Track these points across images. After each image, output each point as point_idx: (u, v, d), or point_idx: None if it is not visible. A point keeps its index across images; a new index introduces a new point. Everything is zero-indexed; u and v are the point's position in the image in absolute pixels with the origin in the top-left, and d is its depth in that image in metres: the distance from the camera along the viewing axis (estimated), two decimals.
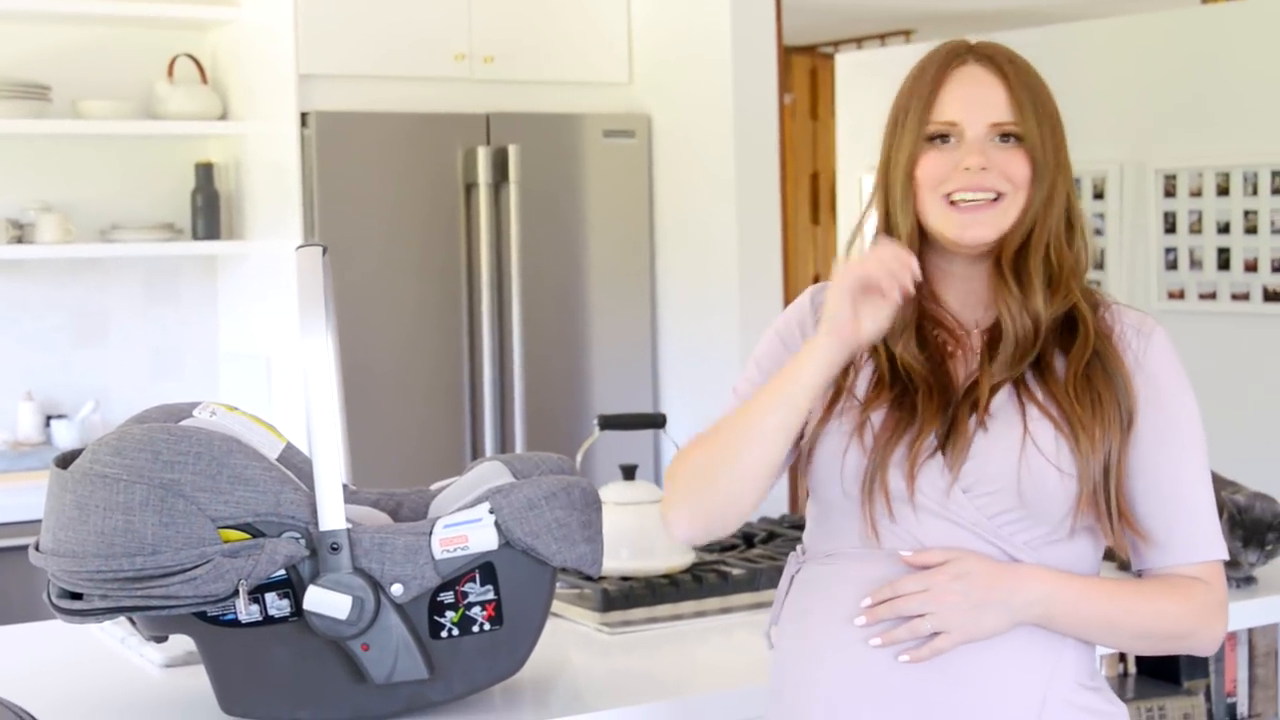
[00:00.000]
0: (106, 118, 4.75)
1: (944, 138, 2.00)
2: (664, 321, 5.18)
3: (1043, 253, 1.99)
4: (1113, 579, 2.02)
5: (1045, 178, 1.98)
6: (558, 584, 2.87)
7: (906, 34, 9.79)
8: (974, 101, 1.98)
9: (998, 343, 2.00)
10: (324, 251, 2.24)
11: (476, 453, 4.88)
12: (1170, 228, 5.94)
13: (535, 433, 4.90)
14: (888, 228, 2.04)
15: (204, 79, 4.94)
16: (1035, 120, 1.98)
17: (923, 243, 2.03)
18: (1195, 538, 2.00)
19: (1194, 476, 2.01)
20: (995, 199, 1.98)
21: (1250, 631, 3.10)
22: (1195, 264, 5.87)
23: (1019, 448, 1.93)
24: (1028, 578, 1.93)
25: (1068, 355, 1.99)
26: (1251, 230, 5.69)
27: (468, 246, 4.88)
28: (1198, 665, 3.06)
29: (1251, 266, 5.70)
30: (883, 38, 10.08)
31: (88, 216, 4.89)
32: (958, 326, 2.04)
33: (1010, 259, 1.98)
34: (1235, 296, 5.75)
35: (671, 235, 5.15)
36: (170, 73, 4.89)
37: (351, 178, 4.72)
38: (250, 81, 4.87)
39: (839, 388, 2.02)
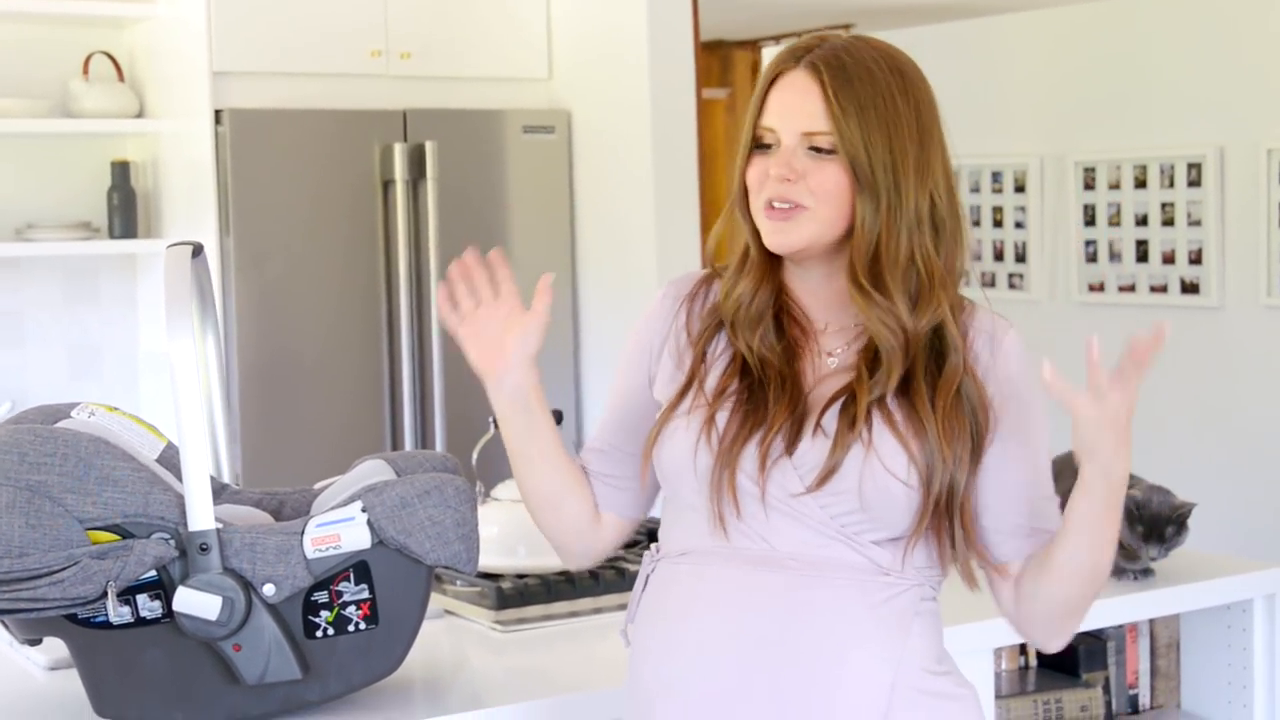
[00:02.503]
0: (21, 116, 4.72)
1: (768, 145, 1.99)
2: (585, 317, 5.19)
3: (901, 262, 1.95)
4: None
5: (877, 188, 1.94)
6: (457, 582, 2.89)
7: (846, 28, 9.81)
8: (788, 110, 1.96)
9: (869, 356, 1.98)
10: (197, 251, 2.23)
11: (396, 449, 4.87)
12: (1090, 220, 5.98)
13: (455, 429, 4.90)
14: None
15: (120, 76, 4.91)
16: (859, 130, 1.92)
17: None
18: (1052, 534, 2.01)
19: (1045, 475, 2.03)
20: (794, 209, 1.96)
21: (1151, 623, 3.13)
22: (1115, 256, 5.90)
23: (862, 458, 1.93)
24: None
25: (933, 374, 1.97)
26: (1169, 223, 5.72)
27: (386, 243, 4.87)
28: (1096, 658, 3.09)
29: (1169, 258, 5.73)
30: (823, 32, 10.09)
31: (2, 215, 4.85)
32: (811, 327, 2.05)
33: (864, 268, 1.96)
34: (1154, 288, 5.78)
35: (592, 231, 5.15)
36: (85, 70, 4.86)
37: (268, 175, 4.70)
38: (166, 79, 4.84)
39: (690, 380, 2.03)
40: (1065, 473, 2.01)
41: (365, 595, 2.20)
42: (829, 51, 1.97)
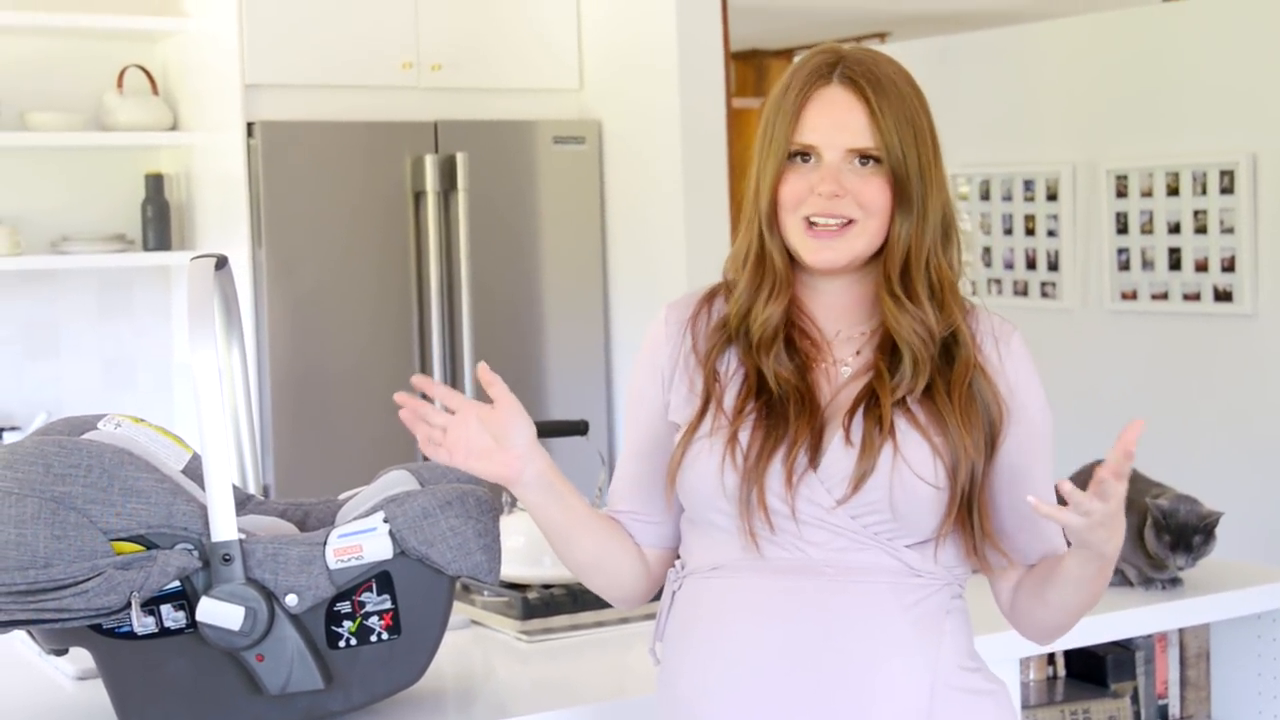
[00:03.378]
0: (56, 129, 4.76)
1: (805, 156, 1.99)
2: (616, 327, 5.19)
3: (925, 270, 1.99)
4: None
5: (911, 199, 1.97)
6: (485, 593, 2.89)
7: (881, 36, 9.81)
8: (832, 125, 1.97)
9: (885, 357, 2.00)
10: (220, 264, 2.25)
11: (427, 460, 4.87)
12: (1122, 228, 5.95)
13: None
14: (762, 247, 2.04)
15: (154, 90, 4.95)
16: (899, 141, 1.96)
17: (792, 257, 2.03)
18: (1057, 537, 2.07)
19: (1048, 476, 2.06)
20: (846, 224, 1.98)
21: (1181, 633, 3.11)
22: (1147, 264, 5.88)
23: (890, 464, 1.94)
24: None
25: (945, 371, 2.00)
26: (1201, 230, 5.70)
27: (417, 255, 4.88)
28: (1124, 668, 3.07)
29: (1202, 266, 5.70)
30: (858, 40, 10.10)
31: (38, 228, 4.89)
32: (821, 339, 2.05)
33: (898, 278, 1.99)
34: (1187, 296, 5.76)
35: (622, 241, 5.16)
36: (120, 84, 4.90)
37: (300, 187, 4.73)
38: (199, 92, 4.88)
39: (705, 401, 2.03)
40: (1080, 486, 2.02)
41: (388, 605, 2.20)
42: (860, 65, 1.99)
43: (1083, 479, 2.15)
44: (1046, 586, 2.02)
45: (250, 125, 4.66)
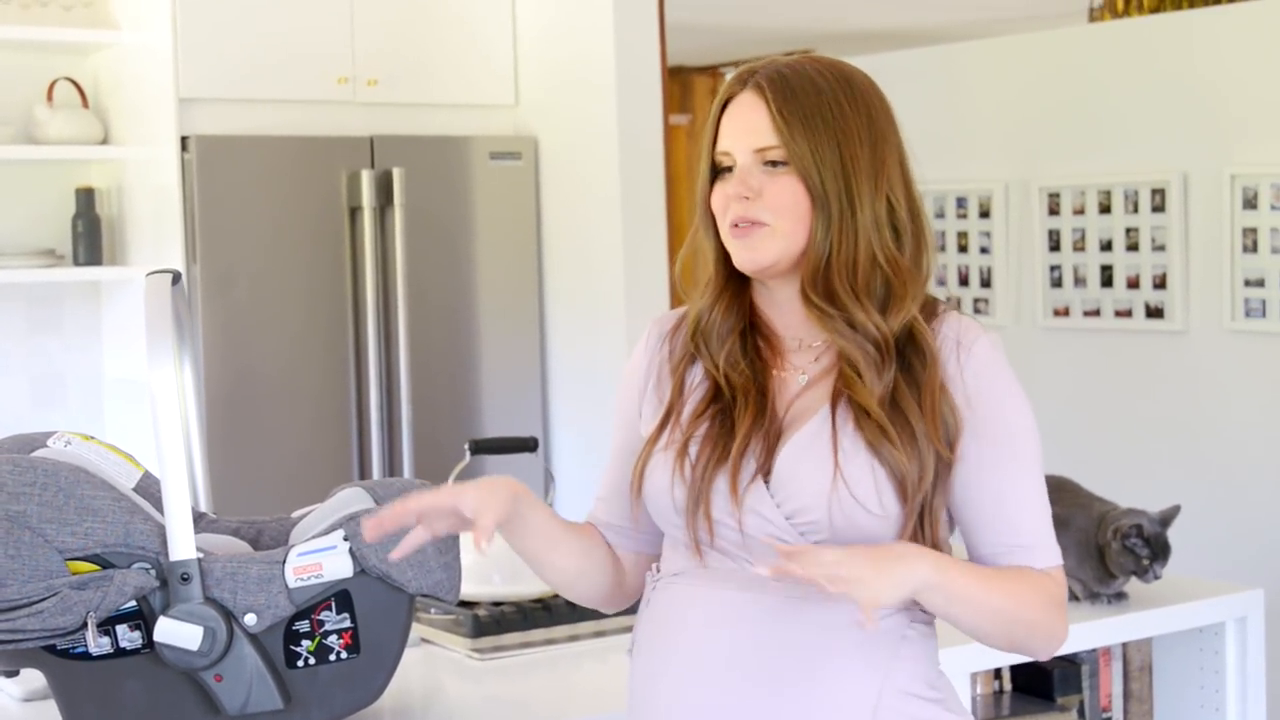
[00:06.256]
0: None
1: (728, 169, 2.01)
2: (552, 343, 5.18)
3: (862, 268, 1.96)
4: (975, 565, 1.99)
5: (828, 200, 1.95)
6: (431, 610, 2.87)
7: (805, 53, 9.86)
8: (739, 130, 1.99)
9: (844, 364, 1.98)
10: (176, 279, 2.22)
11: (365, 476, 4.85)
12: (1055, 245, 6.00)
13: (423, 456, 4.88)
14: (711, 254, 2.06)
15: (85, 103, 4.89)
16: (807, 141, 1.94)
17: None
18: (1032, 550, 1.99)
19: (1024, 489, 1.99)
20: (754, 225, 1.97)
21: (1124, 646, 3.14)
22: (1079, 281, 5.93)
23: (830, 484, 1.92)
24: (910, 550, 1.88)
25: (903, 380, 1.96)
26: (1133, 247, 5.75)
27: (353, 270, 4.85)
28: (1070, 681, 3.09)
29: (1134, 283, 5.76)
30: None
31: None
32: (778, 341, 2.05)
33: (813, 284, 1.97)
34: (1119, 313, 5.81)
35: (559, 257, 5.15)
36: (50, 96, 4.84)
37: (234, 202, 4.69)
38: (131, 105, 4.82)
39: (667, 413, 2.04)
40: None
41: (347, 624, 2.19)
42: (772, 70, 1.99)
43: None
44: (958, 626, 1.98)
45: (185, 139, 4.62)
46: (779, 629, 1.95)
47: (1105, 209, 5.82)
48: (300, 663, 2.18)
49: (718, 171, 2.02)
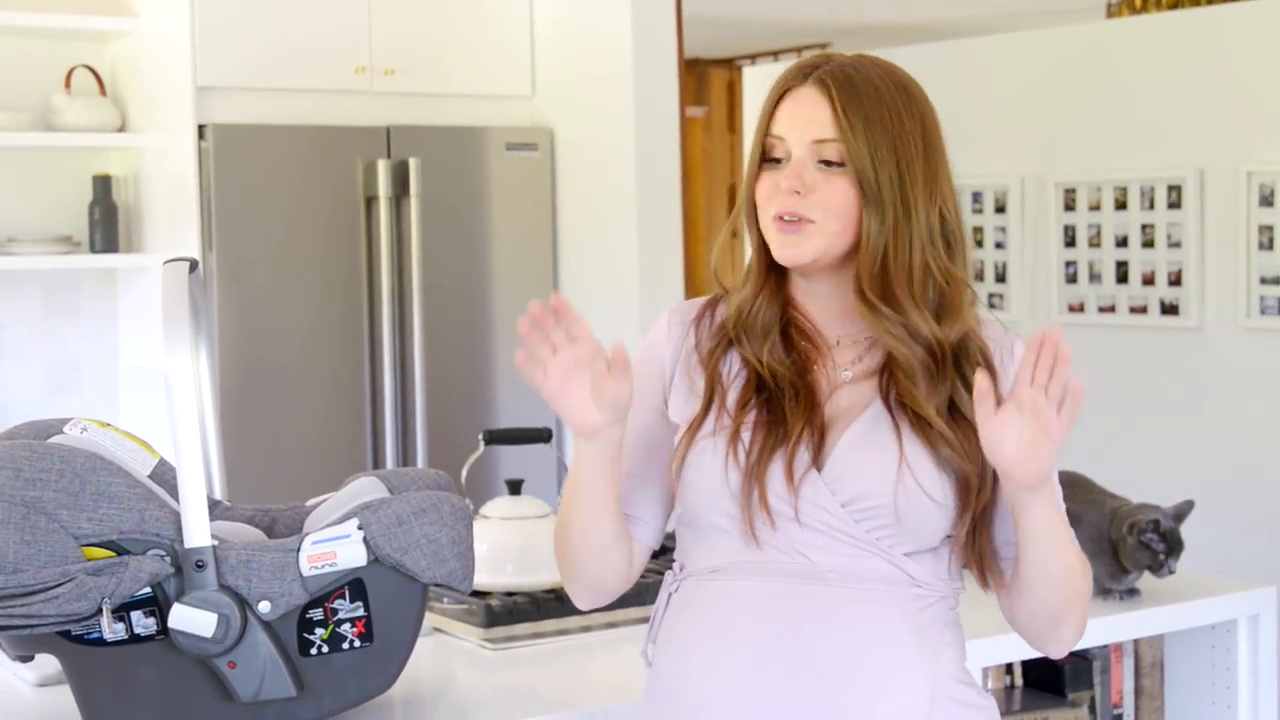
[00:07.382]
0: (1, 129, 4.70)
1: (777, 160, 2.00)
2: None
3: (916, 275, 1.97)
4: None
5: (882, 201, 1.96)
6: (444, 600, 2.88)
7: (823, 47, 9.85)
8: (798, 121, 1.98)
9: (891, 366, 1.99)
10: (193, 267, 2.23)
11: (379, 466, 4.86)
12: (1070, 241, 6.00)
13: (437, 445, 4.89)
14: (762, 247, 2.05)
15: (102, 90, 4.90)
16: (866, 143, 1.95)
17: None
18: None
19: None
20: (800, 222, 1.98)
21: (1136, 643, 3.13)
22: (1094, 277, 5.92)
23: (895, 471, 1.94)
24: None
25: (960, 386, 1.98)
26: (1149, 244, 5.75)
27: (368, 260, 4.86)
28: (1082, 677, 3.09)
29: (1149, 280, 5.76)
30: (799, 51, 10.13)
31: None
32: (819, 336, 2.05)
33: (870, 284, 1.97)
34: (1134, 309, 5.80)
35: (574, 248, 5.15)
36: (68, 84, 4.85)
37: (251, 190, 4.70)
38: (149, 93, 4.84)
39: (709, 400, 2.03)
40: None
41: (360, 613, 2.19)
42: (836, 68, 2.00)
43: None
44: (1023, 574, 1.99)
45: (202, 128, 4.63)
46: (834, 625, 1.95)
47: (1121, 205, 5.82)
48: (313, 650, 2.18)
49: (764, 160, 2.02)
